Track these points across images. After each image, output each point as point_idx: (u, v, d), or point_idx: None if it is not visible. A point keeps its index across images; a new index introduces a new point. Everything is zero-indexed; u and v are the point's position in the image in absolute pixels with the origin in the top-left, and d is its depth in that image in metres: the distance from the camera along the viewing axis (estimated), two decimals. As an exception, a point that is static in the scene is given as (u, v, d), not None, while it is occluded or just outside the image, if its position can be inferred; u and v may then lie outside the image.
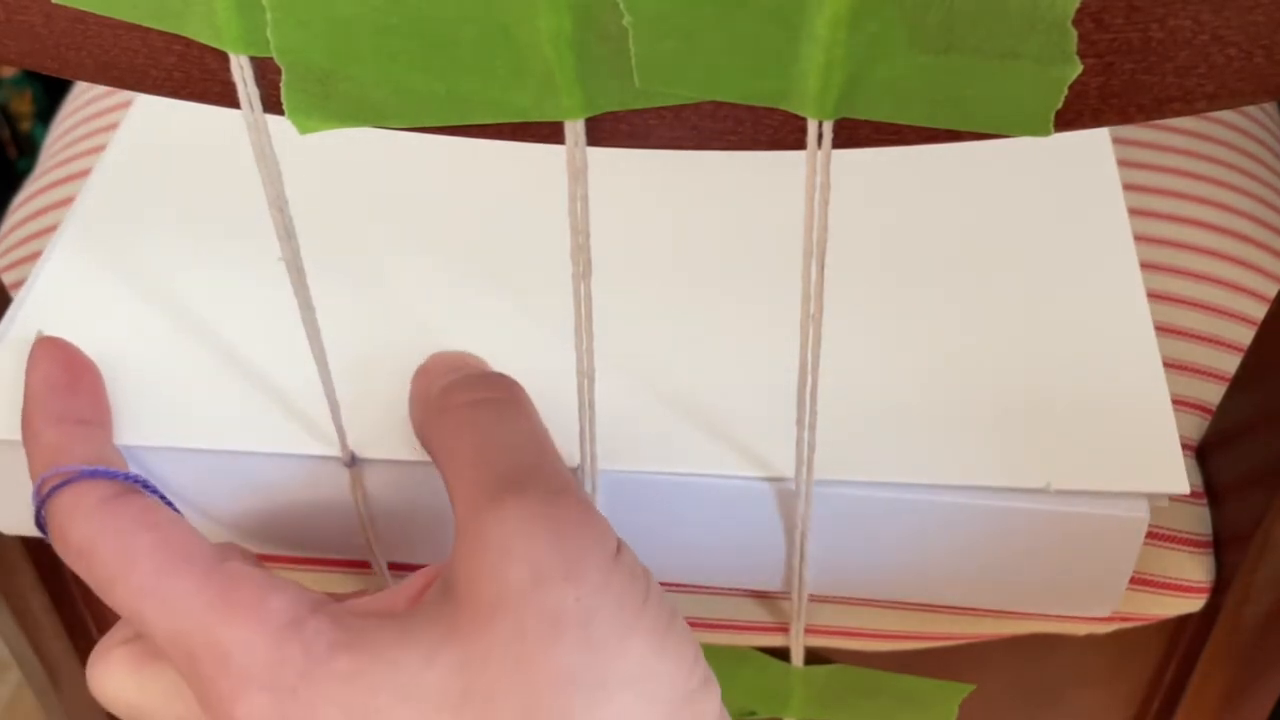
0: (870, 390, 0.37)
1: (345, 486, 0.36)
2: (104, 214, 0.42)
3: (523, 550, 0.28)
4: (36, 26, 0.26)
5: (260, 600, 0.29)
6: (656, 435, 0.35)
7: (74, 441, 0.34)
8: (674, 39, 0.24)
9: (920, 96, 0.25)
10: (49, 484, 0.32)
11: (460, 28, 0.24)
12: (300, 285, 0.31)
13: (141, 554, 0.30)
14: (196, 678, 0.29)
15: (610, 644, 0.27)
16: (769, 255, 0.40)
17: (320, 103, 0.26)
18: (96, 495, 0.31)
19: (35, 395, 0.35)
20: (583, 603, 0.27)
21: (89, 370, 0.36)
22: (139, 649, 0.32)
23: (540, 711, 0.27)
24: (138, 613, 0.30)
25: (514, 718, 0.27)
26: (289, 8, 0.24)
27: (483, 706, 0.27)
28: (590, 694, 0.27)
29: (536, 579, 0.27)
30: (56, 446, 0.33)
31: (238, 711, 0.28)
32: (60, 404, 0.35)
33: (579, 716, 0.27)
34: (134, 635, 0.32)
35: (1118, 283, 0.39)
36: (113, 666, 0.32)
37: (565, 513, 0.29)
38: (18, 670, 0.50)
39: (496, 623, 0.27)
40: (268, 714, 0.28)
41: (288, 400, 0.37)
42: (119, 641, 0.32)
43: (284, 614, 0.29)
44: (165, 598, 0.30)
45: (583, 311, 0.30)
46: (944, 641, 0.40)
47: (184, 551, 0.30)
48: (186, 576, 0.30)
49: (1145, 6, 0.23)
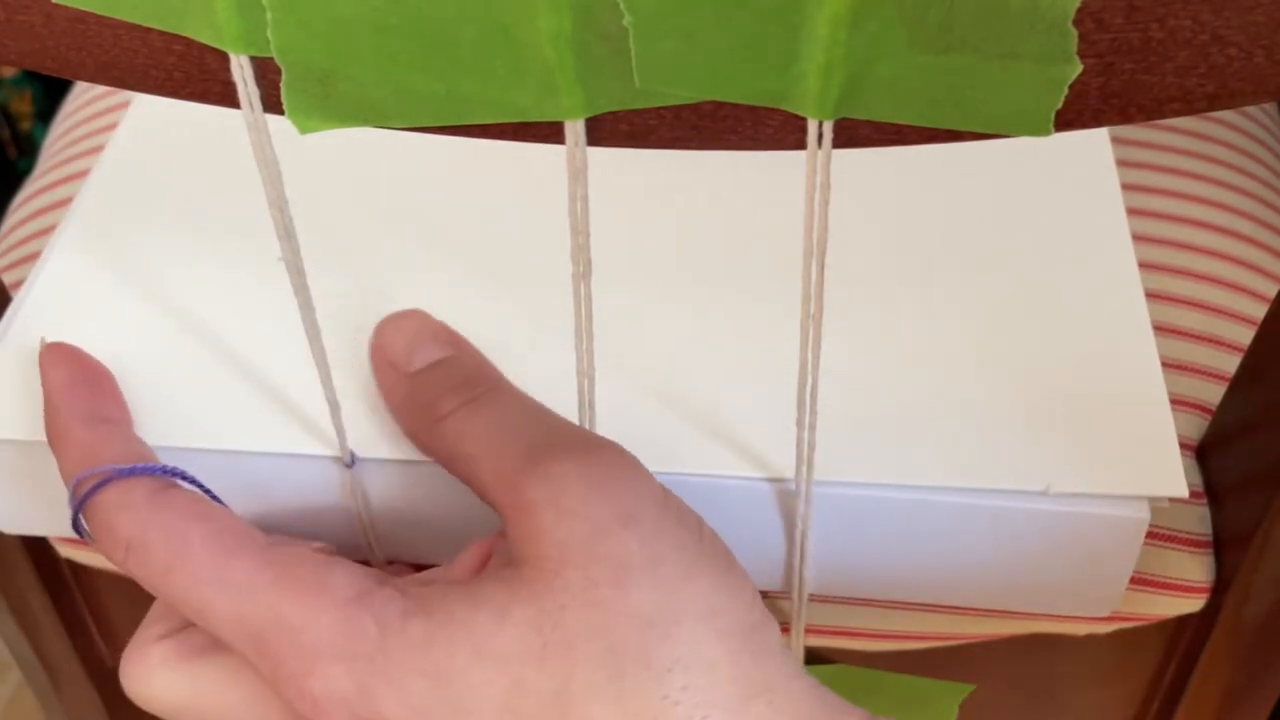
0: (870, 391, 0.37)
1: (345, 486, 0.36)
2: (103, 214, 0.42)
3: (574, 505, 0.28)
4: (36, 26, 0.26)
5: (323, 576, 0.29)
6: (656, 435, 0.35)
7: (107, 440, 0.34)
8: (674, 39, 0.24)
9: (920, 96, 0.25)
10: (87, 484, 0.32)
11: (460, 28, 0.24)
12: (300, 285, 0.31)
13: (196, 542, 0.30)
14: (266, 658, 0.29)
15: (678, 582, 0.28)
16: (769, 255, 0.40)
17: (320, 103, 0.26)
18: (142, 491, 0.32)
19: (59, 397, 0.35)
20: (646, 546, 0.28)
21: (104, 371, 0.37)
22: (186, 642, 0.32)
23: (620, 653, 0.27)
24: (198, 600, 0.30)
25: (595, 663, 0.27)
26: (289, 8, 0.24)
27: (565, 656, 0.27)
28: (665, 631, 0.27)
29: (595, 530, 0.28)
30: (89, 446, 0.33)
31: (313, 686, 0.28)
32: (86, 404, 0.35)
33: (656, 654, 0.27)
34: (171, 630, 0.32)
35: (1116, 284, 0.39)
36: (155, 663, 0.32)
37: (607, 463, 0.29)
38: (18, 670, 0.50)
39: (565, 576, 0.28)
40: (345, 685, 0.28)
41: (287, 400, 0.37)
42: (155, 638, 0.32)
43: (349, 588, 0.29)
44: (227, 581, 0.30)
45: (583, 311, 0.30)
46: (944, 641, 0.40)
47: (239, 537, 0.31)
48: (246, 559, 0.30)
49: (1145, 6, 0.23)
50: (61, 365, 0.36)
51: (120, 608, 0.47)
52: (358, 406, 0.36)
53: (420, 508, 0.37)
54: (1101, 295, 0.39)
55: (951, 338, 0.38)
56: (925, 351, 0.37)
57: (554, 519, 0.28)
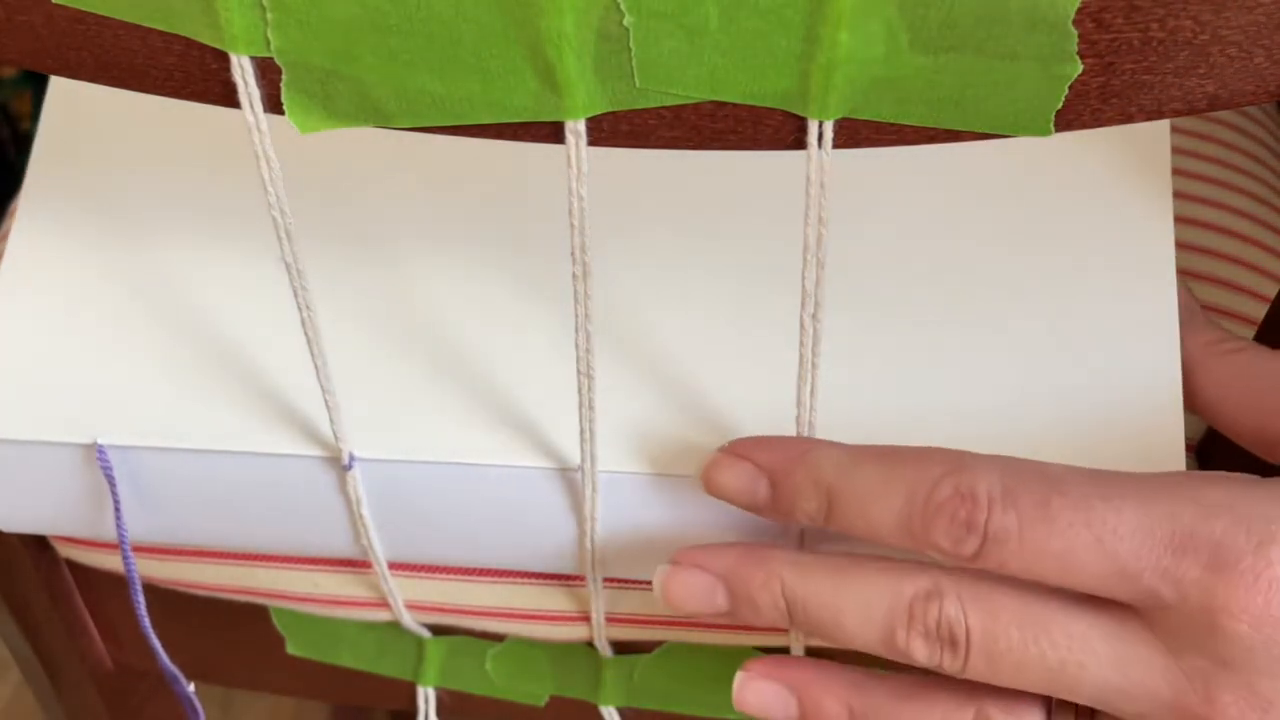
0: (871, 391, 0.36)
1: (344, 487, 0.36)
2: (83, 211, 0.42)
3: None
4: (36, 26, 0.26)
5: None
6: (656, 436, 0.35)
7: None
8: (674, 39, 0.24)
9: (920, 96, 0.25)
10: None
11: (460, 28, 0.24)
12: (299, 286, 0.31)
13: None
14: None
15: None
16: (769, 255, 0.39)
17: (320, 103, 0.26)
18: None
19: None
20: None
21: None
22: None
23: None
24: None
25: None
26: (289, 8, 0.24)
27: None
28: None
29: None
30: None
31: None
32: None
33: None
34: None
35: (1149, 289, 0.37)
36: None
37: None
38: (18, 670, 0.50)
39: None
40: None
41: (285, 402, 0.37)
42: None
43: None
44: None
45: (583, 311, 0.30)
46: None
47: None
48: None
49: (1145, 6, 0.23)
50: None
51: (120, 608, 0.47)
52: (356, 408, 0.36)
53: (418, 509, 0.37)
54: (1132, 298, 0.37)
55: (952, 338, 0.38)
56: (926, 352, 0.37)
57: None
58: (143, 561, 0.42)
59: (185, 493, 0.37)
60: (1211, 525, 0.27)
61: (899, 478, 0.30)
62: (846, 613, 0.31)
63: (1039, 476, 0.29)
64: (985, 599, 0.30)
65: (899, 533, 0.30)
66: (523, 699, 0.43)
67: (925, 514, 0.29)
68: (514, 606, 0.41)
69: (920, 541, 0.30)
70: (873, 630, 0.31)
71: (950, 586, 0.30)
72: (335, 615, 0.43)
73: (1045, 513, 0.28)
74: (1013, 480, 0.29)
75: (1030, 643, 0.29)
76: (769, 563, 0.33)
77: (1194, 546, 0.27)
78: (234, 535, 0.39)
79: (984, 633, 0.30)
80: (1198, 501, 0.28)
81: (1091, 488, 0.29)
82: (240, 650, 0.46)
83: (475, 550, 0.38)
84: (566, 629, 0.41)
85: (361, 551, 0.38)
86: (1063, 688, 0.30)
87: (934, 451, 0.30)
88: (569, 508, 0.36)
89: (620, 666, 0.42)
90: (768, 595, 0.32)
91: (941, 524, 0.29)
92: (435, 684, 0.44)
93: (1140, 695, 0.29)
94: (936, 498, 0.29)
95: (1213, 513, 0.28)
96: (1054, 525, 0.28)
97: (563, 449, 0.35)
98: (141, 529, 0.38)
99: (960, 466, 0.30)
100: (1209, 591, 0.27)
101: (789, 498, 0.32)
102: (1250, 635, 0.27)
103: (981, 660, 0.30)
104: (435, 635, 0.43)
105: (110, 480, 0.37)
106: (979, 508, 0.29)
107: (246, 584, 0.42)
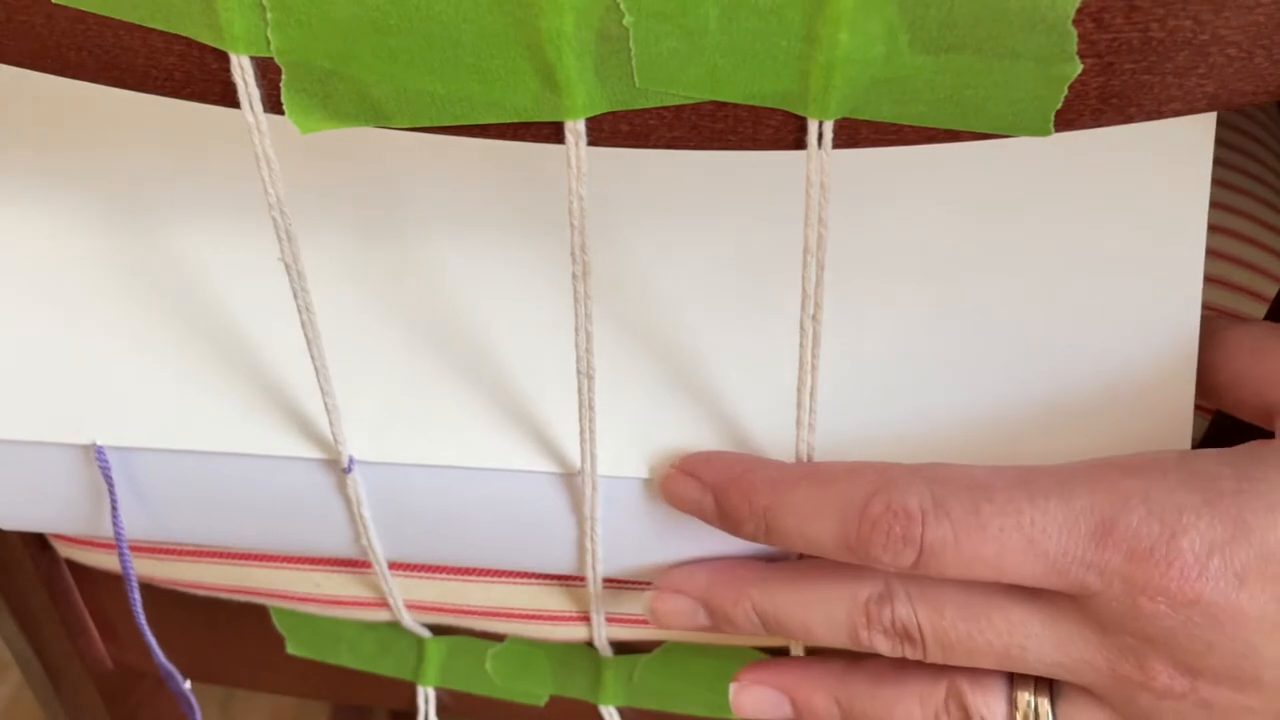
0: (871, 392, 0.36)
1: (343, 489, 0.36)
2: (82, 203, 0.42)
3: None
4: (36, 26, 0.26)
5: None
6: (656, 436, 0.35)
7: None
8: (674, 39, 0.24)
9: (920, 96, 0.25)
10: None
11: (460, 28, 0.24)
12: (299, 288, 0.31)
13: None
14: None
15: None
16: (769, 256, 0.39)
17: (321, 103, 0.26)
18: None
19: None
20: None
21: None
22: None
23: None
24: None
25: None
26: (289, 8, 0.24)
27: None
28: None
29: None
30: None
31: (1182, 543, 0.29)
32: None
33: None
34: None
35: (1174, 289, 0.37)
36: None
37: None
38: (18, 670, 0.50)
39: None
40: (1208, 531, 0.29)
41: (284, 404, 0.37)
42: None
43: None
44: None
45: (583, 311, 0.30)
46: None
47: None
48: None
49: (1145, 6, 0.23)
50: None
51: (120, 607, 0.47)
52: (356, 410, 0.36)
53: (418, 511, 0.37)
54: (1155, 297, 0.37)
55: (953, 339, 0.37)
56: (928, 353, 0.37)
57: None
58: (142, 561, 0.42)
59: (184, 494, 0.37)
60: (1129, 517, 0.29)
61: (830, 498, 0.32)
62: (813, 621, 0.33)
63: (967, 484, 0.31)
64: (932, 597, 0.32)
65: (839, 549, 0.31)
66: (523, 699, 0.43)
67: (860, 532, 0.31)
68: (514, 607, 0.41)
69: (860, 556, 0.31)
70: (839, 633, 0.33)
71: (899, 587, 0.32)
72: (335, 615, 0.43)
73: (977, 520, 0.30)
74: (942, 491, 0.30)
75: (976, 633, 0.32)
76: (737, 583, 0.35)
77: (1114, 537, 0.29)
78: (233, 536, 0.39)
79: (934, 627, 0.32)
80: (1115, 492, 0.30)
81: (1018, 489, 0.30)
82: (240, 650, 0.46)
83: (475, 552, 0.38)
84: (566, 629, 0.41)
85: (361, 552, 0.38)
86: (1014, 665, 0.32)
87: (863, 468, 0.32)
88: (569, 510, 0.36)
89: (620, 666, 0.42)
90: (740, 612, 0.35)
91: (878, 540, 0.31)
92: (435, 684, 0.44)
93: (1082, 669, 0.31)
94: (870, 515, 0.31)
95: (1129, 504, 0.29)
96: (986, 531, 0.30)
97: (563, 451, 0.35)
98: (141, 529, 0.38)
99: (889, 482, 0.31)
100: (1129, 579, 0.29)
101: (731, 516, 0.33)
102: (1169, 615, 0.29)
103: (938, 649, 0.32)
104: (435, 635, 0.43)
105: (108, 481, 0.37)
106: (913, 522, 0.30)
107: (246, 584, 0.42)
